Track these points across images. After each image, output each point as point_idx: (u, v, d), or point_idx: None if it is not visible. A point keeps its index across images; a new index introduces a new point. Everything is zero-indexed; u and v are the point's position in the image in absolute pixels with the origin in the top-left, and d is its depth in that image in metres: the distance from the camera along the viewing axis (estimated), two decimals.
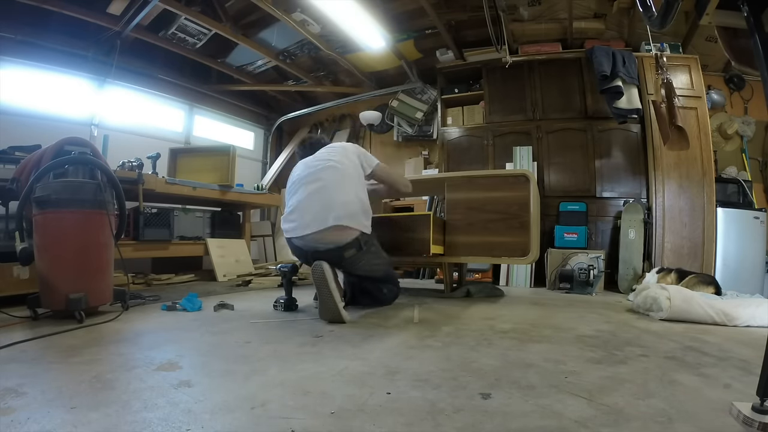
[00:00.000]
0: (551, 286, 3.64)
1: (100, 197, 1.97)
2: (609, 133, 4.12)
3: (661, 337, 1.68)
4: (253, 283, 3.53)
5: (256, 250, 5.43)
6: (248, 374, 1.15)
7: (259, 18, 4.16)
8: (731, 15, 0.97)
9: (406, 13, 4.14)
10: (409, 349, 1.44)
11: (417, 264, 4.18)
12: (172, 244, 3.75)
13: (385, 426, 0.83)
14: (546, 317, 2.16)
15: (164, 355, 1.33)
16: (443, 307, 2.38)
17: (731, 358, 1.37)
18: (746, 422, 0.81)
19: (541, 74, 4.35)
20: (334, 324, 1.88)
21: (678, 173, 3.71)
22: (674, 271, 2.76)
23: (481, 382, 1.10)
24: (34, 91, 3.86)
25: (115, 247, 2.09)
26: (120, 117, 4.48)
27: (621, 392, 1.03)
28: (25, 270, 2.30)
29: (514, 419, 0.87)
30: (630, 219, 3.74)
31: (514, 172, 3.38)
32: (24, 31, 3.66)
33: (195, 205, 4.17)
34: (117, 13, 3.75)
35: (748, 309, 1.99)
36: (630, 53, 3.96)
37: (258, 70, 5.24)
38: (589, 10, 4.04)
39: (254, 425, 0.83)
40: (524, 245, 2.64)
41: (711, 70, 4.27)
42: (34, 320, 1.88)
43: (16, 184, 2.11)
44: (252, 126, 6.24)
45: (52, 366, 1.22)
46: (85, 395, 0.97)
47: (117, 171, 2.98)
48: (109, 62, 4.10)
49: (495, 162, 4.42)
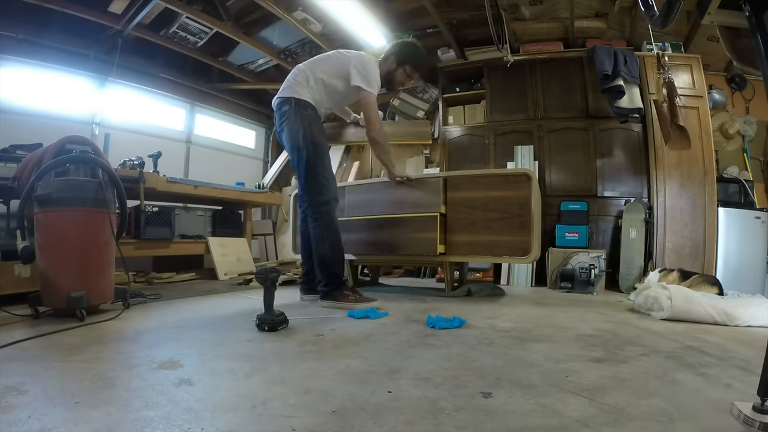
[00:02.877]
0: (552, 285, 3.64)
1: (102, 196, 1.97)
2: (610, 132, 4.12)
3: (662, 337, 1.67)
4: (254, 281, 3.53)
5: (258, 248, 5.43)
6: (249, 372, 1.15)
7: (260, 17, 4.15)
8: (733, 14, 0.97)
9: (408, 12, 4.14)
10: (410, 348, 1.44)
11: (418, 263, 4.18)
12: (173, 242, 3.76)
13: (386, 425, 0.83)
14: (547, 316, 2.16)
15: (165, 354, 1.33)
16: (444, 306, 2.38)
17: (732, 358, 1.37)
18: (747, 422, 0.81)
19: (542, 73, 4.34)
20: (335, 323, 1.88)
21: (679, 173, 3.71)
22: (676, 271, 2.76)
23: (482, 381, 1.10)
24: (36, 90, 3.86)
25: (116, 246, 2.09)
26: (121, 115, 4.48)
27: (622, 391, 1.03)
28: (26, 268, 2.30)
29: (515, 418, 0.87)
30: (631, 218, 3.74)
31: (516, 171, 3.38)
32: (25, 30, 3.66)
33: (196, 203, 4.17)
34: (118, 11, 3.75)
35: (749, 309, 1.99)
36: (631, 52, 3.96)
37: (259, 69, 5.24)
38: (590, 10, 4.04)
39: (255, 424, 0.83)
40: (525, 244, 2.64)
41: (713, 69, 4.26)
42: (35, 318, 1.88)
43: (17, 183, 2.11)
44: (253, 125, 6.24)
45: (53, 364, 1.22)
46: (86, 393, 0.98)
47: (118, 169, 2.99)
48: (110, 61, 4.10)
49: (496, 161, 4.42)
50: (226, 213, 4.44)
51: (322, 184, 2.31)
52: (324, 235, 2.30)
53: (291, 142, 2.31)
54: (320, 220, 2.31)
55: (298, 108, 2.30)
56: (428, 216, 2.77)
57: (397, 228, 2.88)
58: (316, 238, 2.31)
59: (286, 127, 2.32)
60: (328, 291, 2.27)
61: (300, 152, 2.28)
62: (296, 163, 2.34)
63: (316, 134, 2.32)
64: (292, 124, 2.29)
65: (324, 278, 2.29)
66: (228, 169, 5.45)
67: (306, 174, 2.30)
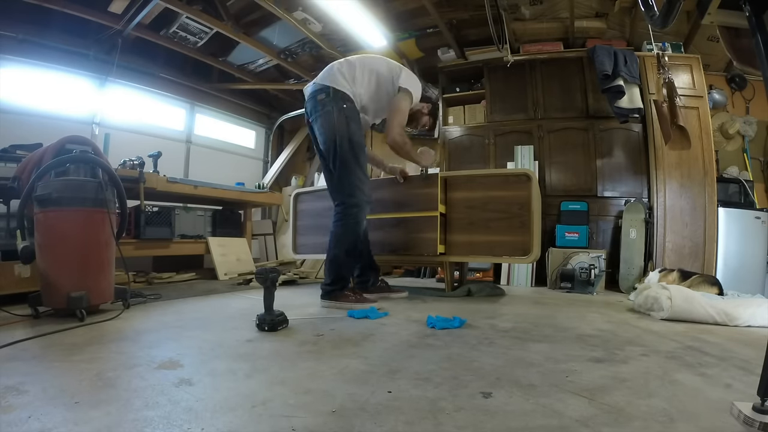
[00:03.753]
0: (552, 285, 3.64)
1: (102, 196, 1.97)
2: (610, 132, 4.12)
3: (662, 337, 1.67)
4: (254, 282, 3.53)
5: (258, 248, 5.43)
6: (249, 372, 1.15)
7: (260, 17, 4.15)
8: (733, 15, 0.97)
9: (408, 12, 4.14)
10: (410, 348, 1.44)
11: (418, 263, 4.18)
12: (173, 242, 3.76)
13: (386, 425, 0.83)
14: (547, 316, 2.16)
15: (165, 354, 1.33)
16: (444, 306, 2.38)
17: (732, 358, 1.37)
18: (747, 422, 0.81)
19: (542, 73, 4.35)
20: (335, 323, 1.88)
21: (679, 173, 3.71)
22: (676, 271, 2.76)
23: (482, 381, 1.10)
24: (36, 90, 3.86)
25: (116, 246, 2.09)
26: (121, 115, 4.48)
27: (622, 392, 1.03)
28: (26, 268, 2.30)
29: (515, 418, 0.87)
30: (631, 218, 3.74)
31: (516, 171, 3.38)
32: (25, 30, 3.66)
33: (196, 203, 4.17)
34: (118, 11, 3.75)
35: (749, 309, 1.99)
36: (632, 52, 3.96)
37: (259, 69, 5.24)
38: (590, 10, 4.04)
39: (255, 424, 0.83)
40: (525, 244, 2.64)
41: (713, 69, 4.26)
42: (36, 318, 1.88)
43: (17, 183, 2.11)
44: (253, 124, 6.24)
45: (53, 364, 1.22)
46: (86, 393, 0.98)
47: (118, 169, 2.99)
48: (110, 61, 4.10)
49: (496, 161, 4.42)
50: (226, 213, 4.44)
51: (355, 186, 2.24)
52: (342, 237, 2.26)
53: (326, 134, 2.22)
54: (344, 219, 2.25)
55: (336, 99, 2.22)
56: (428, 216, 2.77)
57: (397, 228, 2.88)
58: (335, 236, 2.27)
59: (321, 117, 2.23)
60: (330, 291, 2.27)
61: (335, 148, 2.19)
62: (329, 158, 2.25)
63: (354, 130, 2.23)
64: (330, 115, 2.20)
65: (330, 277, 2.28)
66: (228, 169, 5.45)
67: (340, 173, 2.22)
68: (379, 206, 2.96)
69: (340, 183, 2.25)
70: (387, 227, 2.92)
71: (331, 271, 2.29)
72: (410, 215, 2.84)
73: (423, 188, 2.83)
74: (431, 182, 2.80)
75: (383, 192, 2.98)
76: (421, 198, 2.81)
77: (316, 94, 2.26)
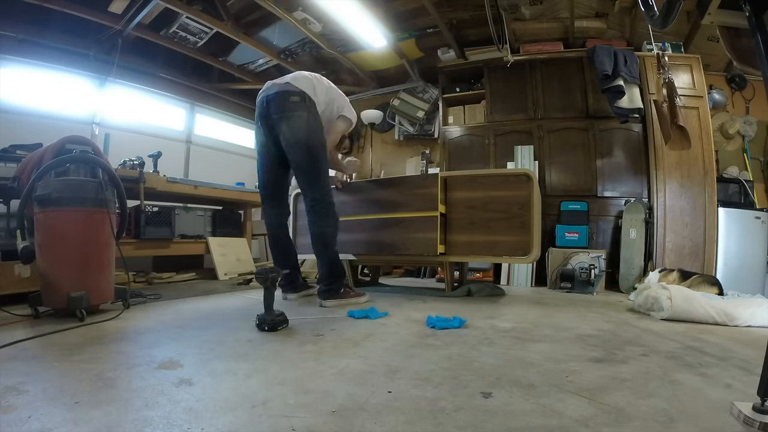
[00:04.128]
0: (552, 285, 3.64)
1: (102, 196, 1.97)
2: (610, 132, 4.12)
3: (662, 337, 1.67)
4: (253, 281, 3.53)
5: (258, 248, 5.43)
6: (249, 373, 1.15)
7: (260, 17, 4.15)
8: (733, 15, 0.97)
9: (408, 12, 4.14)
10: (409, 348, 1.44)
11: (418, 263, 4.18)
12: (173, 242, 3.76)
13: (386, 424, 0.83)
14: (547, 316, 2.16)
15: (165, 354, 1.33)
16: (444, 306, 2.38)
17: (732, 358, 1.37)
18: (747, 422, 0.81)
19: (542, 73, 4.34)
20: (335, 323, 1.88)
21: (679, 173, 3.71)
22: (676, 271, 2.76)
23: (481, 381, 1.10)
24: (35, 90, 3.86)
25: (116, 246, 2.09)
26: (121, 115, 4.48)
27: (622, 392, 1.03)
28: (26, 268, 2.30)
29: (515, 418, 0.87)
30: (631, 218, 3.74)
31: (516, 171, 3.38)
32: (25, 30, 3.66)
33: (196, 203, 4.17)
34: (118, 11, 3.75)
35: (749, 309, 1.99)
36: (632, 52, 3.96)
37: (259, 69, 5.24)
38: (590, 10, 4.03)
39: (255, 424, 0.83)
40: (525, 244, 2.64)
41: (713, 69, 4.26)
42: (35, 318, 1.88)
43: (17, 183, 2.11)
44: (253, 124, 6.23)
45: (53, 364, 1.22)
46: (86, 393, 0.98)
47: (118, 169, 2.99)
48: (110, 61, 4.10)
49: (496, 161, 4.42)
50: (226, 213, 4.44)
51: (328, 185, 2.43)
52: (331, 235, 2.39)
53: (298, 135, 2.30)
54: (330, 218, 2.38)
55: (311, 106, 2.35)
56: (428, 216, 2.77)
57: (397, 228, 2.89)
58: (323, 235, 2.37)
59: (293, 119, 2.30)
60: (331, 290, 2.29)
61: (312, 152, 2.32)
62: (304, 162, 2.34)
63: (323, 139, 2.42)
64: (303, 119, 2.30)
65: (331, 277, 2.34)
66: (228, 169, 5.45)
67: (319, 174, 2.37)
68: (379, 206, 2.98)
69: (319, 184, 2.38)
70: (387, 227, 2.92)
71: (331, 270, 2.34)
72: (410, 215, 2.84)
73: (423, 188, 2.83)
74: (431, 182, 2.81)
75: (383, 192, 2.98)
76: (421, 198, 2.82)
77: (289, 95, 2.33)
